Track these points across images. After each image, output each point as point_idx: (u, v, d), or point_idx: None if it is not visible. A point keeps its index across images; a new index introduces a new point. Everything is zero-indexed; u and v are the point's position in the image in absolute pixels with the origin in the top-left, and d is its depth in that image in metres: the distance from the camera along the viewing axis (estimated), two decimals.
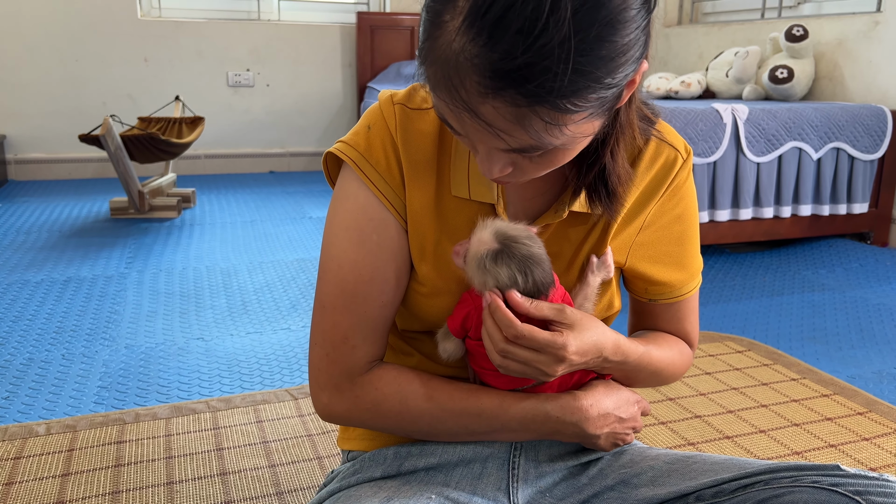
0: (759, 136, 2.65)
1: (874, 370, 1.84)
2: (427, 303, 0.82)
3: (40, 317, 2.16)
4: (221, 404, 1.60)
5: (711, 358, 1.88)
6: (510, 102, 0.57)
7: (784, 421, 1.55)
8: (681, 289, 0.90)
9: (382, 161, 0.79)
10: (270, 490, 1.29)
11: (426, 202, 0.81)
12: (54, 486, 1.29)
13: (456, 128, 0.64)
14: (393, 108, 0.80)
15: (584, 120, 0.61)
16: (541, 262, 0.74)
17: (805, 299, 2.39)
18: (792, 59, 3.19)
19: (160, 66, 4.46)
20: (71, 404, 1.62)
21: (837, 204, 2.86)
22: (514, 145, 0.62)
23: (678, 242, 0.88)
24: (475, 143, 0.66)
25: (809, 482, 0.74)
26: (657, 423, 1.54)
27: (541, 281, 0.74)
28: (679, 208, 0.86)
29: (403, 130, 0.79)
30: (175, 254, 2.85)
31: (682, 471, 0.84)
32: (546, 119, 0.58)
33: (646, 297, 0.91)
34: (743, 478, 0.78)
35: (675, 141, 0.86)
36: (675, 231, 0.87)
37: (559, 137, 0.61)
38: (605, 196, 0.78)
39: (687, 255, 0.89)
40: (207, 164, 4.68)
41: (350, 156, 0.79)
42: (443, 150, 0.81)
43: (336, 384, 0.81)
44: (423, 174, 0.80)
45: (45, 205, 3.68)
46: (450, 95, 0.60)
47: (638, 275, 0.89)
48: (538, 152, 0.63)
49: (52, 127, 4.32)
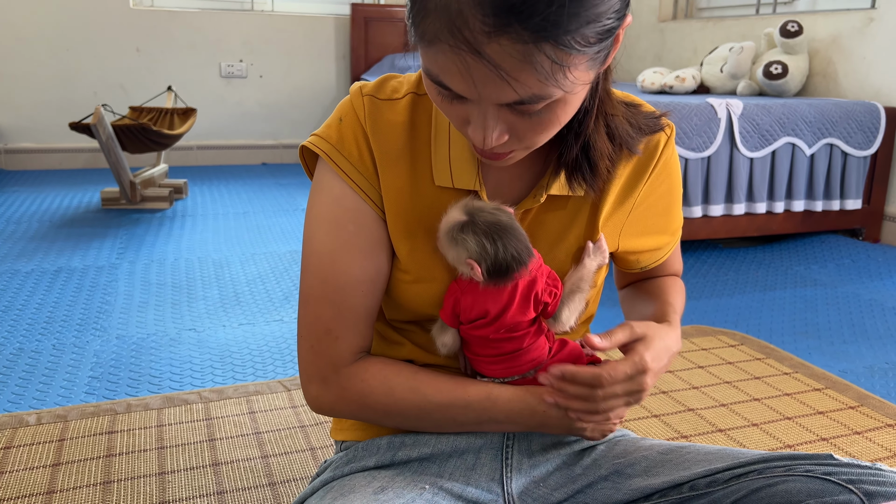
0: (753, 131, 2.65)
1: (866, 365, 1.85)
2: (412, 290, 0.82)
3: (30, 307, 2.14)
4: (214, 395, 1.60)
5: (704, 352, 1.89)
6: (516, 39, 0.57)
7: (776, 414, 1.56)
8: (667, 248, 0.92)
9: (355, 152, 0.79)
10: (263, 481, 1.28)
11: (403, 191, 0.80)
12: (45, 476, 1.28)
13: (456, 87, 0.62)
14: (362, 99, 0.80)
15: (583, 65, 0.61)
16: (511, 231, 0.74)
17: (797, 294, 2.39)
18: (786, 55, 3.20)
19: (152, 56, 4.43)
20: (62, 394, 1.61)
21: (830, 200, 2.87)
22: (520, 92, 0.60)
23: (665, 213, 0.89)
24: (469, 108, 0.65)
25: (803, 471, 0.74)
26: (650, 415, 1.54)
27: (515, 250, 0.73)
28: (666, 183, 0.87)
29: (373, 121, 0.79)
30: (167, 245, 2.84)
31: (676, 461, 0.84)
32: (551, 56, 0.58)
33: (637, 267, 0.93)
34: (736, 467, 0.79)
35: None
36: (662, 204, 0.88)
37: (562, 83, 0.61)
38: (588, 171, 0.78)
39: (672, 220, 0.91)
40: (200, 156, 4.65)
41: (322, 148, 0.80)
42: (417, 139, 0.80)
43: (323, 376, 0.80)
44: (395, 164, 0.80)
45: (35, 195, 3.66)
46: (454, 39, 0.58)
47: (631, 251, 0.89)
48: (540, 104, 0.63)
49: (43, 117, 4.29)
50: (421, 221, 0.80)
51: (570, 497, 0.86)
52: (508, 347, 0.79)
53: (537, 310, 0.78)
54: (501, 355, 0.79)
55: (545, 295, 0.77)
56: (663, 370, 0.79)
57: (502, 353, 0.79)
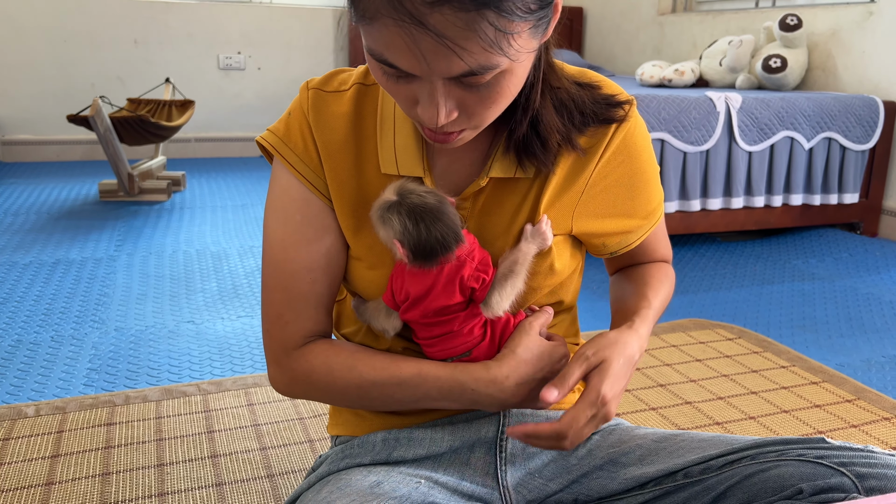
0: (752, 125, 2.65)
1: (863, 358, 1.86)
2: (368, 276, 0.83)
3: (29, 299, 2.14)
4: (212, 387, 1.60)
5: (702, 345, 1.89)
6: (458, 7, 0.57)
7: (773, 408, 1.56)
8: (638, 232, 0.88)
9: (300, 143, 0.81)
10: (261, 472, 1.29)
11: (348, 182, 0.81)
12: (43, 468, 1.29)
13: (402, 63, 0.62)
14: (307, 92, 0.82)
15: (526, 33, 0.62)
16: (437, 214, 0.73)
17: (795, 288, 2.40)
18: (785, 49, 3.20)
19: (150, 47, 4.41)
20: (60, 386, 1.61)
21: (828, 194, 2.87)
22: (468, 61, 0.60)
23: (629, 197, 0.85)
24: (416, 86, 0.64)
25: (795, 455, 0.75)
26: (647, 408, 1.55)
27: (440, 234, 0.73)
28: (626, 166, 0.84)
29: (316, 112, 0.81)
30: (165, 237, 2.83)
31: (670, 448, 0.84)
32: (495, 24, 0.58)
33: (606, 251, 0.89)
34: (730, 454, 0.79)
35: (612, 89, 0.83)
36: (622, 187, 0.85)
37: (507, 51, 0.61)
38: (539, 147, 0.77)
39: (641, 202, 0.87)
40: (198, 148, 4.64)
41: (270, 141, 0.82)
42: (363, 128, 0.81)
43: (276, 358, 0.83)
44: (339, 154, 0.81)
45: (33, 187, 3.65)
46: (396, 13, 0.58)
47: (591, 234, 0.86)
48: (488, 75, 0.63)
49: (41, 108, 4.28)
50: (368, 209, 0.80)
51: (566, 487, 0.86)
52: (438, 331, 0.79)
53: (464, 295, 0.77)
54: (434, 338, 0.79)
55: (471, 280, 0.76)
56: (626, 385, 0.79)
57: (434, 335, 0.79)
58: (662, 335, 1.95)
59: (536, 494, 0.87)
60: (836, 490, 0.70)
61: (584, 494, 0.85)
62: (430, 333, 0.80)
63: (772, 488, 0.74)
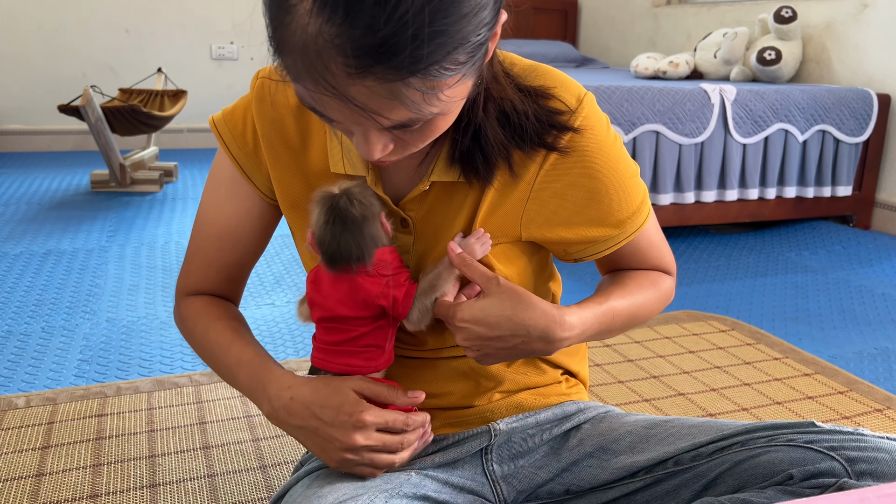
0: (746, 117, 2.65)
1: (855, 350, 1.86)
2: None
3: (19, 289, 2.12)
4: (204, 378, 1.59)
5: (695, 337, 1.89)
6: (381, 79, 0.55)
7: (766, 399, 1.57)
8: (610, 241, 0.82)
9: (239, 126, 0.84)
10: (254, 464, 1.28)
11: (292, 176, 0.82)
12: (34, 459, 1.28)
13: (328, 115, 0.61)
14: (256, 81, 0.83)
15: (457, 83, 0.59)
16: (354, 225, 0.72)
17: (788, 280, 2.40)
18: (780, 41, 3.19)
19: (142, 37, 4.37)
20: (51, 377, 1.60)
21: (822, 186, 2.88)
22: (393, 121, 0.59)
23: (591, 204, 0.79)
24: (350, 127, 0.63)
25: (785, 440, 0.75)
26: (641, 400, 1.55)
27: (345, 244, 0.72)
28: (577, 168, 0.77)
29: (259, 102, 0.82)
30: (157, 228, 2.82)
31: (661, 435, 0.84)
32: (421, 89, 0.56)
33: (569, 258, 0.85)
34: (720, 440, 0.79)
35: (562, 93, 0.76)
36: (581, 192, 0.79)
37: (437, 105, 0.59)
38: (482, 160, 0.74)
39: (608, 210, 0.80)
40: (190, 139, 4.62)
41: (215, 119, 0.86)
42: (308, 123, 0.80)
43: (176, 296, 0.93)
44: (280, 146, 0.82)
45: (23, 177, 3.62)
46: (316, 85, 0.57)
47: (547, 241, 0.82)
48: (417, 125, 0.61)
49: (31, 98, 4.24)
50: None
51: (557, 476, 0.86)
52: (336, 338, 0.77)
53: (371, 310, 0.75)
54: (332, 345, 0.78)
55: (380, 298, 0.74)
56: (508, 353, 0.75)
57: (332, 342, 0.78)
58: (656, 327, 1.95)
59: (527, 484, 0.86)
60: (827, 475, 0.70)
61: (575, 485, 0.85)
62: (328, 338, 0.78)
63: (762, 474, 0.74)
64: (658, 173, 2.55)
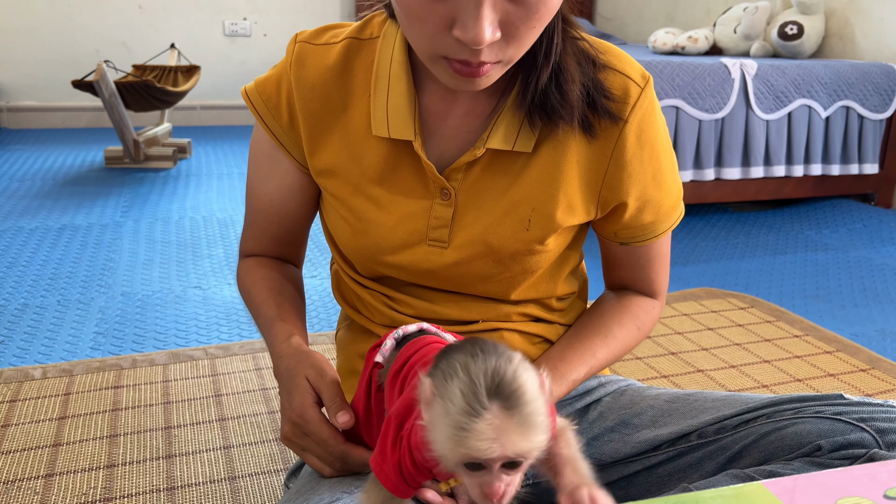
0: (768, 92, 2.60)
1: (877, 328, 1.83)
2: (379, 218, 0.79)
3: (35, 263, 2.12)
4: (220, 352, 1.59)
5: (714, 314, 1.87)
6: None
7: (786, 376, 1.54)
8: (651, 229, 0.82)
9: (273, 98, 0.81)
10: (270, 436, 1.28)
11: (333, 138, 0.79)
12: (51, 429, 1.28)
13: None
14: (294, 46, 0.80)
15: None
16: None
17: (808, 258, 2.37)
18: (802, 16, 3.12)
19: (155, 13, 4.35)
20: (67, 349, 1.60)
21: (847, 164, 2.82)
22: None
23: (655, 183, 0.80)
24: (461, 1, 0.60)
25: (812, 412, 0.73)
26: (659, 376, 1.53)
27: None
28: (651, 147, 0.78)
29: (299, 67, 0.79)
30: (171, 203, 2.81)
31: (683, 409, 0.82)
32: None
33: (616, 240, 0.84)
34: (745, 412, 0.77)
35: (627, 68, 0.76)
36: (650, 170, 0.79)
37: None
38: (558, 98, 0.71)
39: (664, 196, 0.81)
40: (203, 116, 4.60)
41: (248, 90, 0.83)
42: (351, 83, 0.78)
43: (239, 257, 0.96)
44: (323, 111, 0.79)
45: (38, 153, 3.62)
46: None
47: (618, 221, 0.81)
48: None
49: (45, 74, 4.23)
50: (355, 166, 0.78)
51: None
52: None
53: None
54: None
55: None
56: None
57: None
58: (674, 304, 1.92)
59: None
60: (857, 446, 0.68)
61: (596, 459, 0.84)
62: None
63: (789, 446, 0.72)
64: (678, 150, 2.51)
